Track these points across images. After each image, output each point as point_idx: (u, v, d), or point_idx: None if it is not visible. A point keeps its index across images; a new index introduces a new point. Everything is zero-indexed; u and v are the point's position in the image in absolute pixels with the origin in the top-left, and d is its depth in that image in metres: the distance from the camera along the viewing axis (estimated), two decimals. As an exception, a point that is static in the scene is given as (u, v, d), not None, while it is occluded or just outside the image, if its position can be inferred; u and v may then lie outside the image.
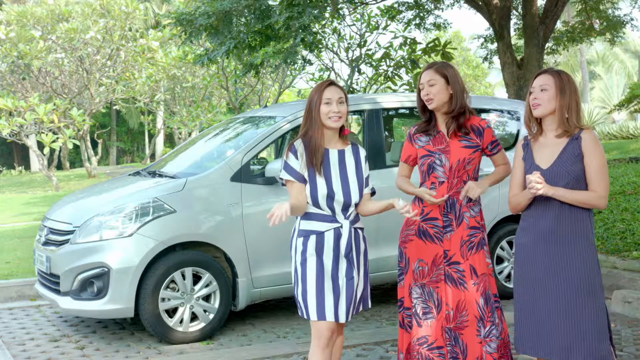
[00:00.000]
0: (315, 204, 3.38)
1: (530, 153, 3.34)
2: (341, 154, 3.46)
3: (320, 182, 3.37)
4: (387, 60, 11.98)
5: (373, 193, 3.57)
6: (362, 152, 3.55)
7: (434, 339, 3.59)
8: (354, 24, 12.64)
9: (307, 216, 3.39)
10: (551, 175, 3.22)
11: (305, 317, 3.39)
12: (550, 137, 3.30)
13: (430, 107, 3.64)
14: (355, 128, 9.03)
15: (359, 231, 3.48)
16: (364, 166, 3.51)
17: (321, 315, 3.33)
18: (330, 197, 3.36)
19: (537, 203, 3.27)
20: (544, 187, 3.14)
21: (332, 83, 3.45)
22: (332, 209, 3.38)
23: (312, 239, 3.37)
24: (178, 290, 5.15)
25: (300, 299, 3.39)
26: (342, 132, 3.50)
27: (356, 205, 3.45)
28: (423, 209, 3.66)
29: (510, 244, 6.17)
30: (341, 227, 3.38)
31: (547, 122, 3.31)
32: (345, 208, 3.40)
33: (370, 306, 3.60)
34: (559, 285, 3.19)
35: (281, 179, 3.44)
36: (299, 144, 3.41)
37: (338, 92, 3.41)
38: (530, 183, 3.15)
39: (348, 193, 3.39)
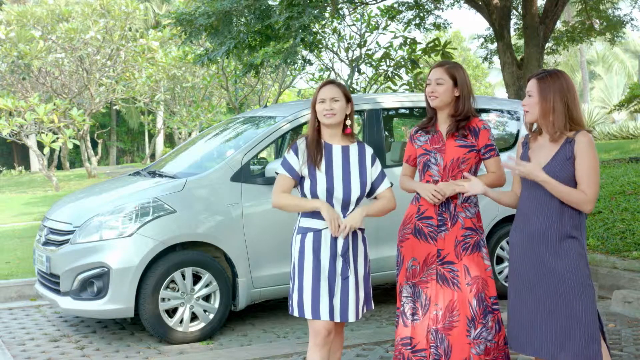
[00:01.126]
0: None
1: (527, 152, 3.34)
2: (345, 150, 3.47)
3: (320, 177, 3.38)
4: (387, 60, 11.98)
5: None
6: (369, 151, 3.54)
7: (417, 341, 3.57)
8: (354, 24, 12.63)
9: (307, 213, 3.40)
10: None
11: (295, 315, 3.39)
12: (547, 139, 3.28)
13: (432, 104, 3.65)
14: (355, 128, 9.04)
15: (358, 231, 3.47)
16: (370, 164, 3.49)
17: (316, 314, 3.33)
18: (330, 192, 3.36)
19: (527, 203, 3.25)
20: (529, 167, 3.16)
21: (330, 82, 3.47)
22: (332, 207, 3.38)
23: (310, 236, 3.38)
24: (178, 290, 5.15)
25: (295, 295, 3.39)
26: (344, 131, 3.51)
27: (357, 203, 3.44)
28: (419, 207, 3.67)
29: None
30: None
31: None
32: (345, 206, 3.40)
33: (373, 307, 3.60)
34: (548, 284, 3.18)
35: (276, 173, 3.48)
36: (300, 142, 3.45)
37: (333, 92, 3.42)
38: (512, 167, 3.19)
39: (348, 190, 3.39)
